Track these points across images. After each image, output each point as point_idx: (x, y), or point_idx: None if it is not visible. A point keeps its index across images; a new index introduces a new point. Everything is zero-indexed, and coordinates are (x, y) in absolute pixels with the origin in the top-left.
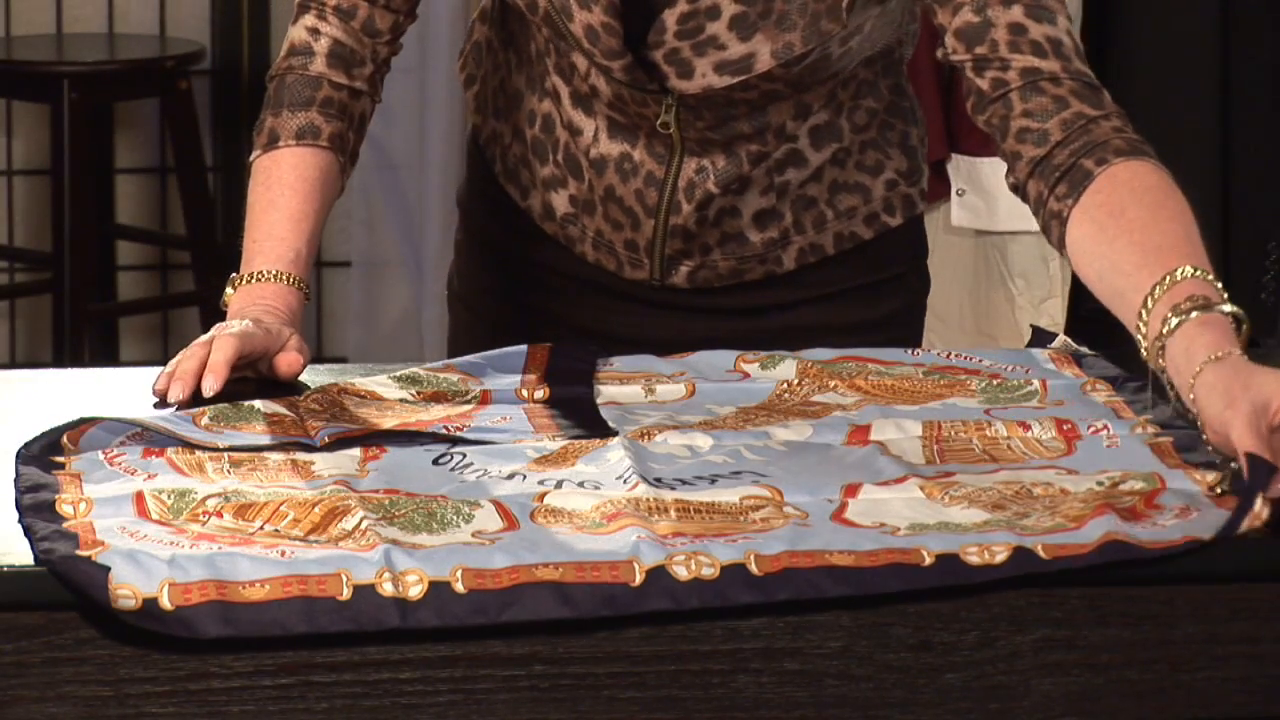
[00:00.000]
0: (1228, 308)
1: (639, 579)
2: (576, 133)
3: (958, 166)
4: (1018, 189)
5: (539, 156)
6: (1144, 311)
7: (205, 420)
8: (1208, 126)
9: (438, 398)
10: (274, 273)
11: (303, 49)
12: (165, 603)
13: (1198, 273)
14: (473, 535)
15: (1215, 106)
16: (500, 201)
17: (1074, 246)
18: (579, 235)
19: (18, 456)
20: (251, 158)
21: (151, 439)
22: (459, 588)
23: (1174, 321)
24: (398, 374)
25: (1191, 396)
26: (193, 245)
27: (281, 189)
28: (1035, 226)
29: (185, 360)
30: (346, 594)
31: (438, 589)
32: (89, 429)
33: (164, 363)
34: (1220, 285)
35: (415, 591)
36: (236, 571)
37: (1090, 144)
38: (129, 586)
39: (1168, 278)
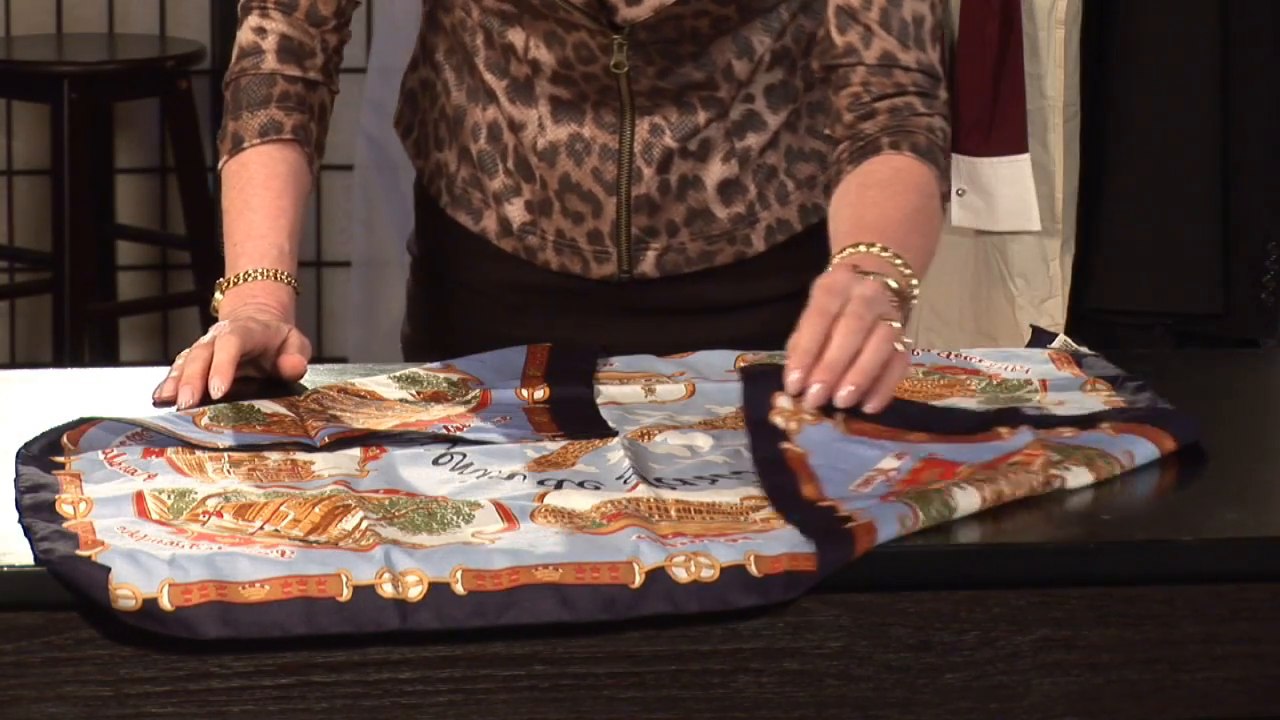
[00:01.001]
0: (893, 282)
1: (639, 580)
2: (520, 128)
3: (958, 166)
4: (830, 139)
5: (488, 171)
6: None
7: (205, 420)
8: (1208, 126)
9: (438, 398)
10: (260, 271)
11: (252, 50)
12: (165, 603)
13: (885, 252)
14: (473, 535)
15: (1215, 106)
16: (451, 235)
17: (832, 200)
18: (539, 243)
19: (18, 456)
20: (220, 165)
21: (151, 439)
22: (458, 589)
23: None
24: (398, 374)
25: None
26: (193, 245)
27: (254, 189)
28: (1036, 226)
29: (189, 364)
30: (346, 595)
31: (437, 590)
32: (89, 429)
33: (164, 363)
34: (910, 272)
35: (415, 592)
36: (236, 572)
37: (899, 129)
38: (129, 586)
39: (858, 247)
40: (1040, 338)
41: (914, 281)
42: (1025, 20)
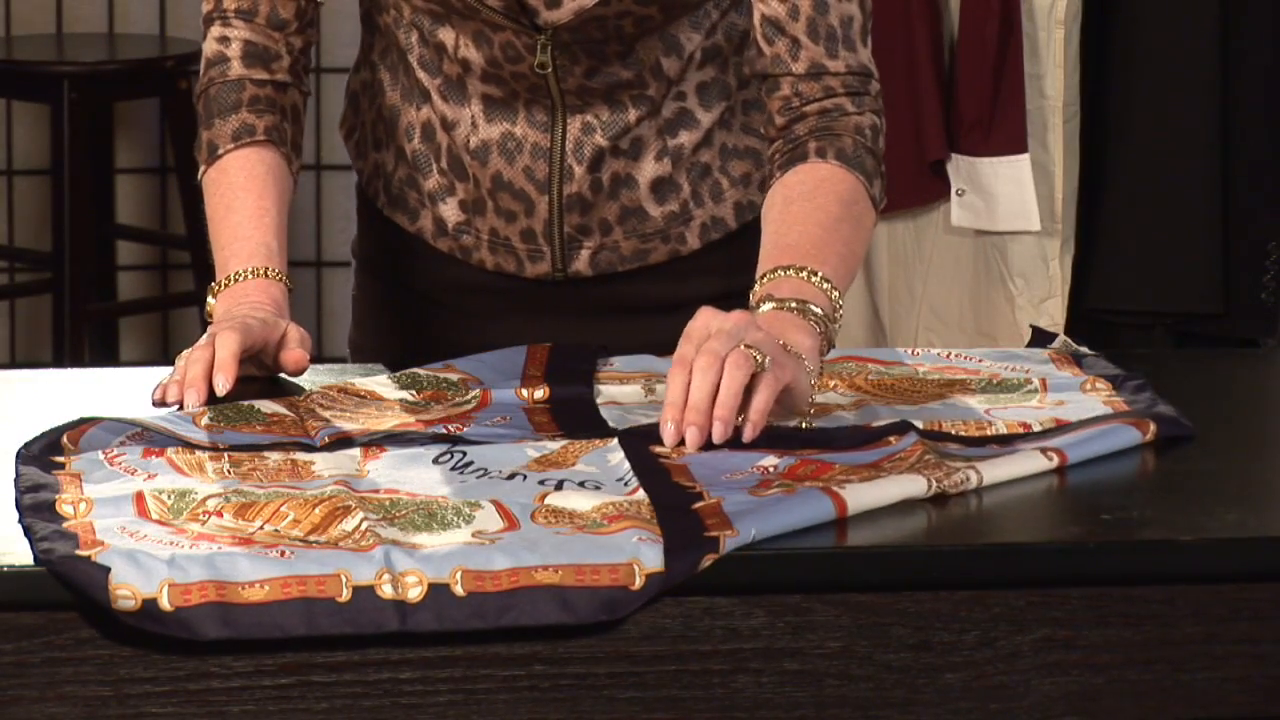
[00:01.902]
0: (813, 307)
1: (639, 582)
2: (452, 127)
3: (957, 166)
4: (765, 138)
5: (422, 171)
6: (752, 294)
7: (205, 420)
8: (1208, 126)
9: (438, 398)
10: (250, 270)
11: (217, 59)
12: (165, 603)
13: (801, 273)
14: (473, 535)
15: (1215, 106)
16: (391, 236)
17: (763, 213)
18: (474, 242)
19: (18, 456)
20: (199, 176)
21: (151, 439)
22: (458, 590)
23: (750, 311)
24: (398, 374)
25: None
26: (193, 245)
27: (234, 192)
28: (1035, 226)
29: (191, 366)
30: (346, 595)
31: (437, 591)
32: (89, 429)
33: (164, 363)
34: (830, 286)
35: (415, 593)
36: (236, 572)
37: (826, 132)
38: (129, 587)
39: (776, 272)
40: (1040, 338)
41: (836, 296)
42: (1025, 20)
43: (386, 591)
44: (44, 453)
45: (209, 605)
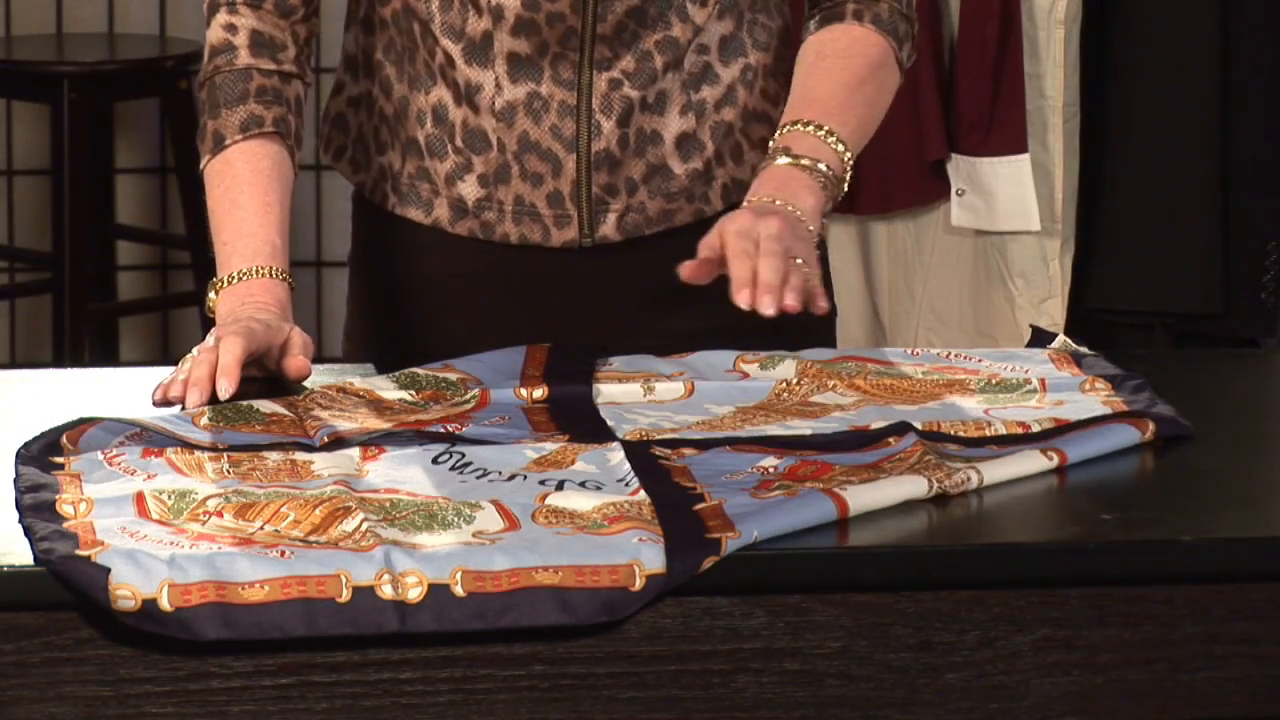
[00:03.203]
0: (822, 166)
1: (639, 583)
2: (476, 91)
3: (958, 166)
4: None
5: (438, 155)
6: (771, 141)
7: (205, 420)
8: (1208, 126)
9: (436, 398)
10: (254, 269)
11: (224, 47)
12: (165, 604)
13: (820, 130)
14: (473, 536)
15: (1215, 106)
16: (400, 238)
17: (796, 59)
18: (497, 217)
19: (17, 456)
20: (202, 166)
21: (151, 439)
22: (458, 590)
23: (767, 162)
24: (396, 374)
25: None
26: (193, 245)
27: (240, 186)
28: (1035, 226)
29: (196, 367)
30: (346, 595)
31: (437, 592)
32: (89, 429)
33: (164, 363)
34: (844, 148)
35: (415, 594)
36: (236, 572)
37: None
38: (129, 587)
39: (797, 125)
40: (1040, 338)
41: (848, 157)
42: (1025, 20)
43: (386, 592)
44: (44, 453)
45: (209, 605)
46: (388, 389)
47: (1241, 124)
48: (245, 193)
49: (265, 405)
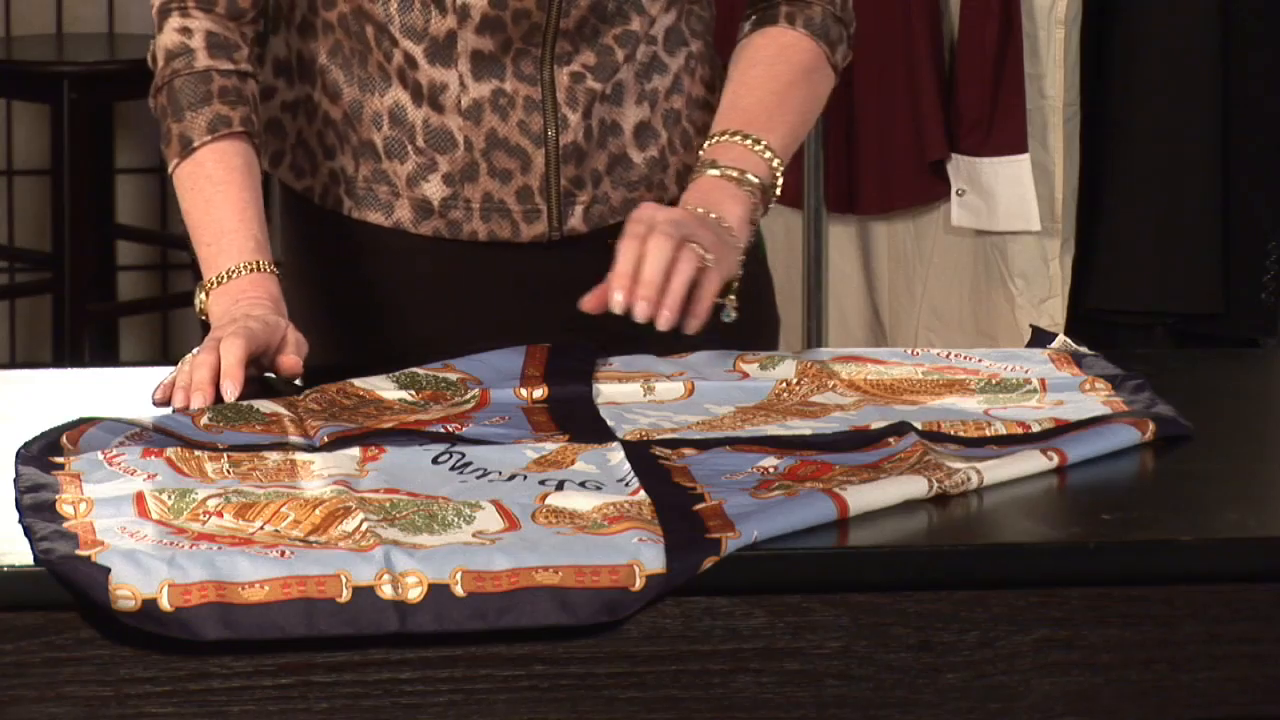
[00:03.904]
0: (750, 175)
1: (639, 584)
2: (440, 91)
3: (958, 166)
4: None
5: (398, 157)
6: (701, 153)
7: (205, 420)
8: (1208, 126)
9: (436, 398)
10: (242, 265)
11: (180, 50)
12: (165, 604)
13: (747, 140)
14: (474, 535)
15: (1215, 106)
16: (353, 242)
17: (730, 64)
18: (464, 215)
19: (17, 456)
20: (170, 169)
21: (150, 439)
22: (458, 590)
23: (696, 173)
24: (396, 374)
25: None
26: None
27: (215, 186)
28: (1035, 226)
29: (197, 370)
30: (346, 596)
31: (437, 592)
32: (89, 429)
33: (164, 363)
34: (772, 155)
35: (415, 594)
36: (236, 572)
37: (801, 2)
38: (128, 587)
39: (724, 135)
40: (1040, 338)
41: (776, 164)
42: (1025, 20)
43: (386, 592)
44: (44, 453)
45: (209, 606)
46: (388, 389)
47: (1242, 124)
48: (221, 192)
49: (265, 405)
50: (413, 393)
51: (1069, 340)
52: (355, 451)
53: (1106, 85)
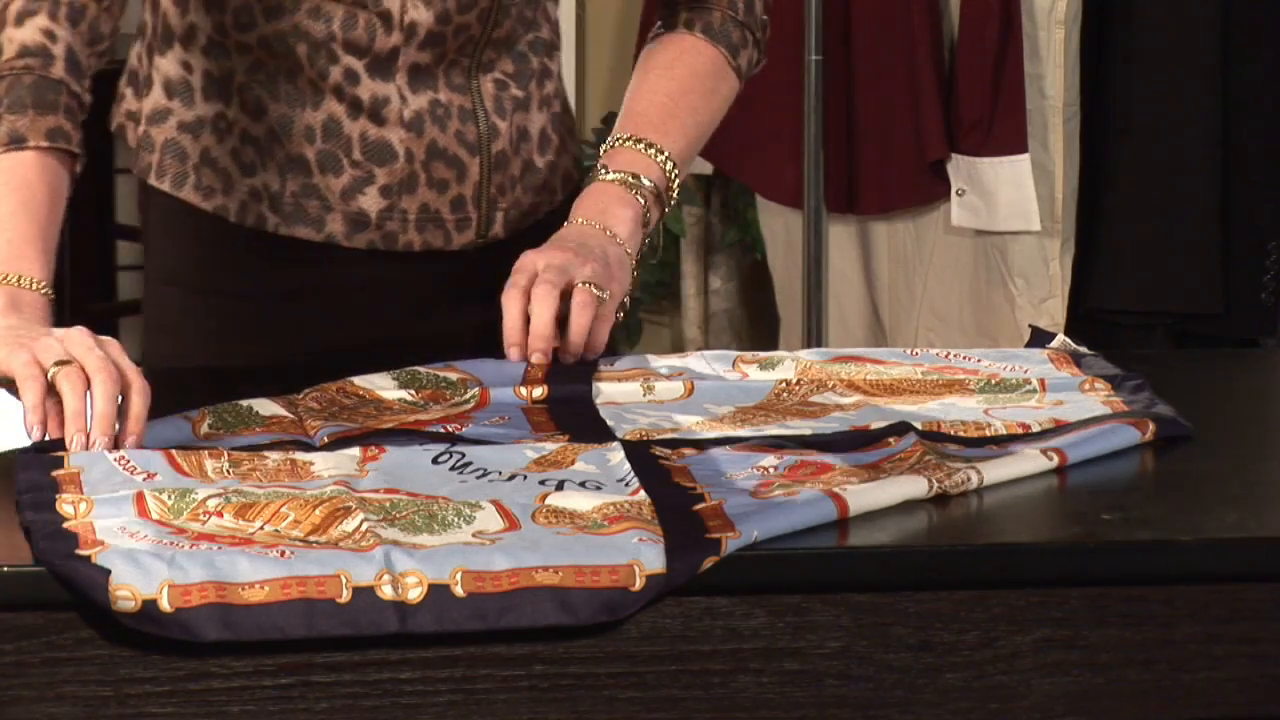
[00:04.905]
0: (644, 180)
1: (639, 584)
2: (382, 104)
3: (958, 166)
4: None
5: (332, 170)
6: (599, 155)
7: (204, 428)
8: (1208, 126)
9: (436, 398)
10: (31, 281)
11: (38, 50)
12: (165, 604)
13: (640, 144)
14: (474, 535)
15: (1215, 106)
16: (274, 258)
17: (633, 72)
18: (400, 226)
19: (18, 456)
20: None
21: (151, 440)
22: (458, 590)
23: (591, 179)
24: (397, 372)
25: None
26: None
27: (30, 191)
28: (1035, 226)
29: (108, 402)
30: (346, 596)
31: (437, 592)
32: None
33: None
34: (665, 157)
35: (415, 594)
36: (236, 572)
37: (698, 5)
38: (128, 587)
39: (619, 140)
40: (1040, 338)
41: (670, 168)
42: (1025, 20)
43: (386, 593)
44: (44, 452)
45: (209, 606)
46: (388, 388)
47: (1241, 124)
48: (32, 203)
49: (265, 408)
50: (412, 392)
51: (1068, 340)
52: (355, 451)
53: (1106, 85)
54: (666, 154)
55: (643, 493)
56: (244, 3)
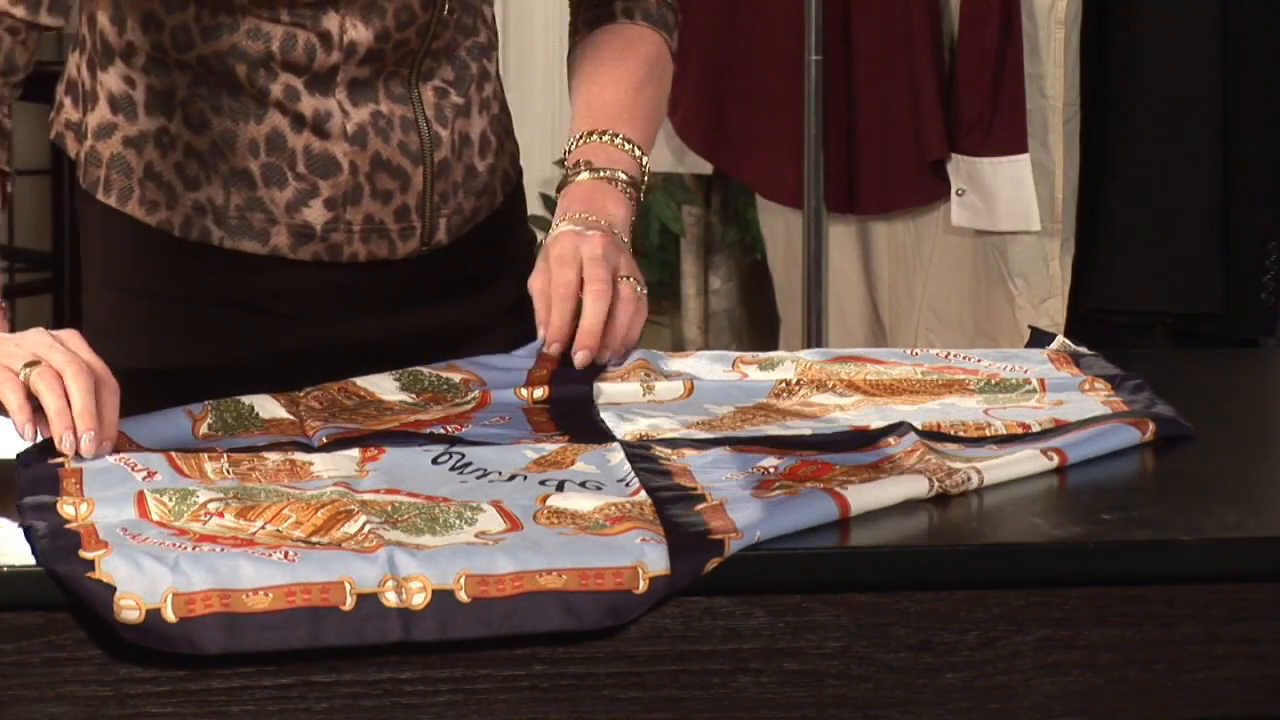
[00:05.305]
0: (622, 174)
1: (643, 586)
2: (325, 119)
3: (957, 166)
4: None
5: (276, 184)
6: (565, 154)
7: (204, 428)
8: (1208, 126)
9: (437, 399)
10: None
11: None
12: (169, 614)
13: (615, 139)
14: (475, 536)
15: (1215, 106)
16: (224, 275)
17: (570, 67)
18: (345, 238)
19: (18, 457)
20: None
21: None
22: (462, 596)
23: (570, 177)
24: (398, 373)
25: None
26: None
27: None
28: (1036, 226)
29: (85, 394)
30: (350, 604)
31: (441, 598)
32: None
33: None
34: (640, 153)
35: (419, 600)
36: (239, 577)
37: None
38: (132, 596)
39: (592, 136)
40: (1040, 338)
41: (643, 159)
42: (1025, 20)
43: (390, 599)
44: (44, 453)
45: (213, 617)
46: (389, 390)
47: (1242, 124)
48: None
49: (265, 408)
50: (413, 394)
51: (1068, 341)
52: (355, 452)
53: (1106, 85)
54: (638, 147)
55: (643, 493)
56: (181, 23)
